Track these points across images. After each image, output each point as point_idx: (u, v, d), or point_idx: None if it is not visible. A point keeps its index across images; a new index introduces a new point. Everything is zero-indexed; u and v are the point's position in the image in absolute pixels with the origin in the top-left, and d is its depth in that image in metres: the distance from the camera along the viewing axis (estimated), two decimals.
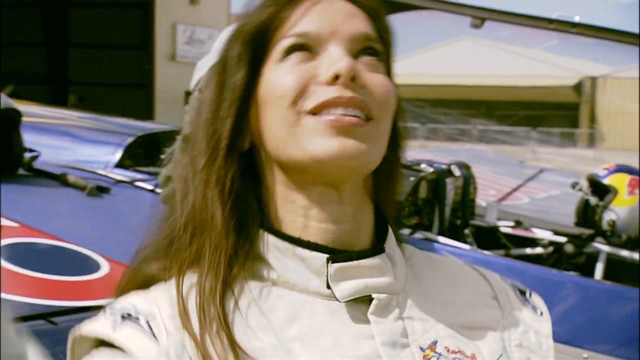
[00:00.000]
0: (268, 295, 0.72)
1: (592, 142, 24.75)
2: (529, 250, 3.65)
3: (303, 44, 0.72)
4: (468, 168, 3.67)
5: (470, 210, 3.66)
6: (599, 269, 3.50)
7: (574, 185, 3.68)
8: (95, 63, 12.25)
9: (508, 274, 2.68)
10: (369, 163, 0.72)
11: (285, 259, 0.72)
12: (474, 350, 0.74)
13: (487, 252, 3.25)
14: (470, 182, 3.63)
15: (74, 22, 12.56)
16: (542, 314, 0.82)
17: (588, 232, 3.56)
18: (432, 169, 3.32)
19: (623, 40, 3.21)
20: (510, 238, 3.71)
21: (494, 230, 3.70)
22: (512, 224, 3.76)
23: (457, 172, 3.54)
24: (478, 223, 3.69)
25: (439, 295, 0.77)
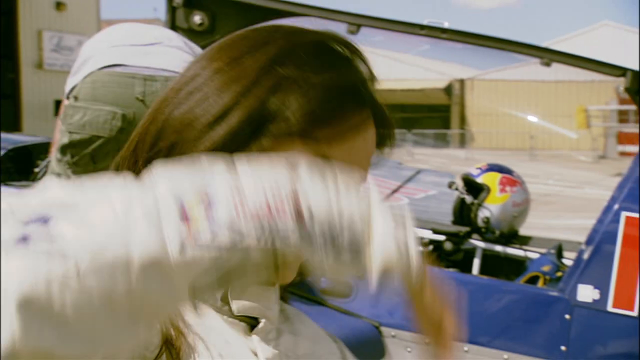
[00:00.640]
0: None
1: (463, 142, 25.82)
2: None
3: None
4: None
5: None
6: (476, 265, 3.65)
7: (451, 185, 3.81)
8: None
9: None
10: None
11: None
12: None
13: None
14: None
15: None
16: None
17: (465, 229, 3.70)
18: None
19: (488, 45, 3.36)
20: None
21: None
22: None
23: None
24: None
25: (305, 342, 0.79)
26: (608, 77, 3.34)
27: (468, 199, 3.70)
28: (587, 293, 2.66)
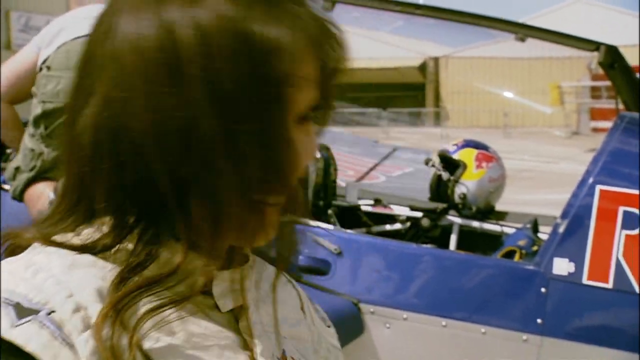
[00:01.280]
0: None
1: (438, 120, 25.91)
2: (389, 227, 3.77)
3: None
4: (328, 149, 3.73)
5: (332, 191, 3.72)
6: (453, 240, 3.67)
7: (427, 162, 3.81)
8: None
9: (371, 250, 2.75)
10: None
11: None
12: None
13: (350, 230, 3.32)
14: (331, 163, 3.68)
15: None
16: (329, 327, 0.88)
17: (442, 206, 3.71)
18: None
19: (463, 21, 3.36)
20: (371, 216, 3.82)
21: (355, 209, 3.79)
22: (372, 203, 3.87)
23: (317, 154, 3.58)
24: (340, 203, 3.76)
25: (275, 305, 0.78)
26: (582, 53, 3.36)
27: (445, 176, 3.71)
28: (562, 266, 2.69)
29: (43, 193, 2.40)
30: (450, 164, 3.73)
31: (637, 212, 2.58)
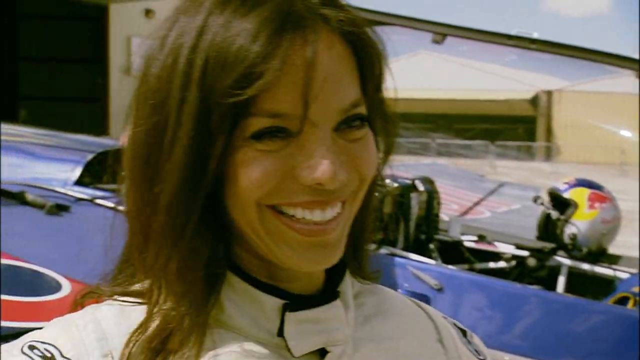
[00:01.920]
0: (217, 340, 0.64)
1: (549, 155, 25.19)
2: (492, 264, 3.67)
3: (279, 127, 0.59)
4: (432, 183, 3.69)
5: (435, 225, 3.67)
6: (561, 283, 3.54)
7: (536, 199, 3.72)
8: (47, 77, 12.05)
9: (473, 288, 2.69)
10: (339, 256, 0.65)
11: (238, 299, 0.65)
12: None
13: (451, 266, 3.26)
14: (434, 197, 3.64)
15: (24, 35, 12.33)
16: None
17: (550, 245, 3.60)
18: (396, 184, 3.33)
19: (577, 56, 3.27)
20: (474, 252, 3.74)
21: (458, 245, 3.72)
22: (475, 239, 3.79)
23: (421, 187, 3.56)
24: (442, 237, 3.70)
25: (389, 342, 0.71)
26: None
27: (554, 215, 3.60)
28: None
29: None
30: (561, 203, 3.61)
31: None
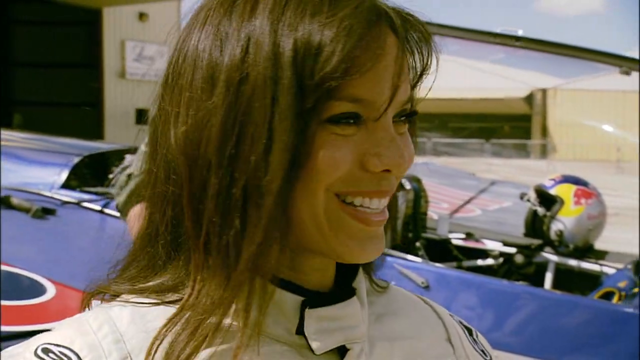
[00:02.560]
0: (231, 338, 0.62)
1: (544, 153, 25.20)
2: (480, 262, 3.68)
3: (356, 113, 0.61)
4: (419, 181, 3.70)
5: (422, 223, 3.68)
6: (548, 279, 3.55)
7: (522, 197, 3.72)
8: (42, 82, 12.05)
9: (460, 285, 2.70)
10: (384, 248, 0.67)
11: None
12: None
13: (438, 264, 3.27)
14: (422, 195, 3.65)
15: (18, 40, 12.33)
16: (490, 359, 0.79)
17: (537, 242, 3.61)
18: None
19: (562, 53, 3.28)
20: (462, 250, 3.75)
21: (446, 243, 3.73)
22: (463, 236, 3.80)
23: (407, 185, 3.56)
24: (430, 236, 3.71)
25: (402, 342, 0.71)
26: None
27: (540, 211, 3.61)
28: None
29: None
30: (547, 200, 3.62)
31: None
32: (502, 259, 3.66)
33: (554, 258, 3.59)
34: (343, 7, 0.61)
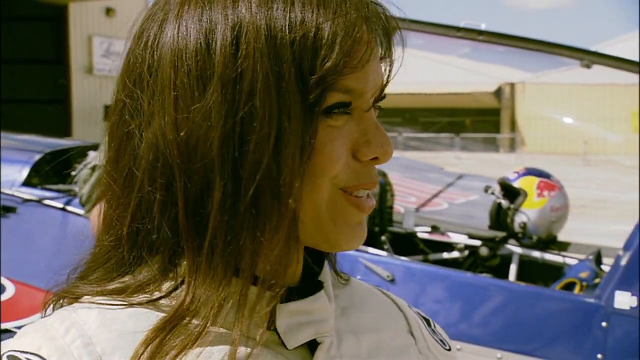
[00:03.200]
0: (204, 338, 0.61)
1: (513, 147, 25.46)
2: (446, 255, 3.71)
3: (347, 102, 0.62)
4: (385, 175, 3.71)
5: (388, 217, 3.70)
6: (513, 271, 3.59)
7: (487, 189, 3.75)
8: (8, 78, 11.88)
9: (425, 279, 2.72)
10: None
11: None
12: None
13: (404, 257, 3.29)
14: (387, 189, 3.67)
15: None
16: (449, 349, 0.80)
17: (501, 234, 3.64)
18: None
19: (525, 47, 3.31)
20: (428, 243, 3.77)
21: (412, 236, 3.75)
22: (428, 230, 3.83)
23: None
24: (396, 229, 3.73)
25: (367, 334, 0.72)
26: None
27: (504, 204, 3.64)
28: (624, 300, 2.60)
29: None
30: (511, 192, 3.66)
31: None
32: (467, 252, 3.70)
33: (518, 250, 3.63)
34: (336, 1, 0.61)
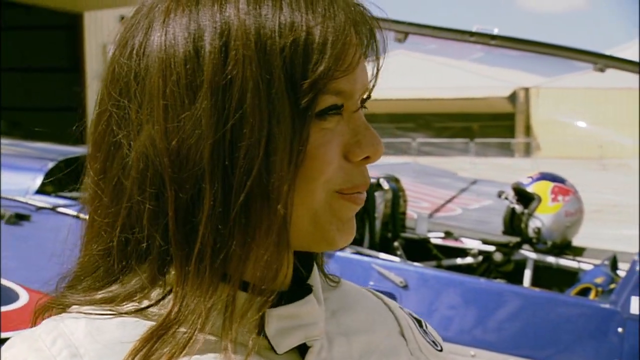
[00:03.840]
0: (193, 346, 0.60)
1: (528, 151, 25.34)
2: (460, 261, 3.69)
3: (337, 105, 0.62)
4: (397, 181, 3.70)
5: (401, 223, 3.68)
6: (527, 276, 3.56)
7: (500, 194, 3.74)
8: (24, 87, 11.99)
9: (438, 284, 2.70)
10: None
11: None
12: None
13: (417, 263, 3.28)
14: (400, 195, 3.65)
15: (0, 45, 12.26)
16: (441, 350, 0.79)
17: (515, 240, 3.62)
18: None
19: (537, 51, 3.29)
20: (441, 249, 3.76)
21: (425, 242, 3.74)
22: (442, 235, 3.81)
23: (386, 185, 3.57)
24: (409, 235, 3.72)
25: (358, 336, 0.71)
26: None
27: (518, 209, 3.62)
28: None
29: None
30: (525, 197, 3.63)
31: None
32: (481, 257, 3.68)
33: (533, 255, 3.61)
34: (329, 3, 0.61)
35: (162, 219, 0.60)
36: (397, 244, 3.51)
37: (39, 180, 3.10)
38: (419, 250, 3.68)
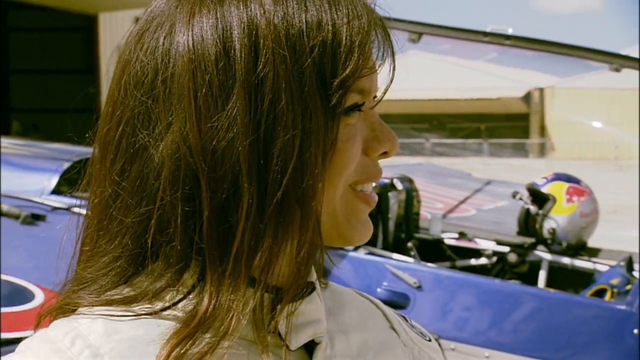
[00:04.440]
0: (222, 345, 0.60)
1: (542, 152, 25.21)
2: (474, 261, 3.68)
3: (360, 102, 0.64)
4: (411, 181, 3.69)
5: (415, 224, 3.68)
6: (542, 277, 3.54)
7: (515, 195, 3.72)
8: (39, 89, 12.06)
9: (452, 285, 2.69)
10: None
11: None
12: None
13: (431, 264, 3.27)
14: (414, 195, 3.65)
15: (15, 47, 12.34)
16: (430, 340, 0.81)
17: (529, 240, 3.60)
18: (374, 184, 3.34)
19: (552, 51, 3.28)
20: (455, 249, 3.75)
21: (439, 243, 3.73)
22: (455, 236, 3.80)
23: (399, 185, 3.56)
24: (422, 236, 3.71)
25: (354, 333, 0.73)
26: None
27: (533, 209, 3.60)
28: None
29: None
30: (539, 198, 3.62)
31: None
32: (495, 258, 3.66)
33: (547, 256, 3.59)
34: (346, 4, 0.62)
35: (195, 219, 0.60)
36: (410, 245, 3.50)
37: (55, 181, 3.11)
38: (433, 251, 3.67)
